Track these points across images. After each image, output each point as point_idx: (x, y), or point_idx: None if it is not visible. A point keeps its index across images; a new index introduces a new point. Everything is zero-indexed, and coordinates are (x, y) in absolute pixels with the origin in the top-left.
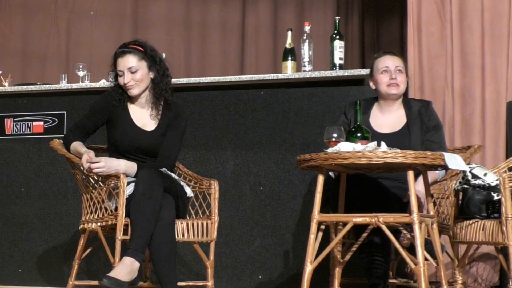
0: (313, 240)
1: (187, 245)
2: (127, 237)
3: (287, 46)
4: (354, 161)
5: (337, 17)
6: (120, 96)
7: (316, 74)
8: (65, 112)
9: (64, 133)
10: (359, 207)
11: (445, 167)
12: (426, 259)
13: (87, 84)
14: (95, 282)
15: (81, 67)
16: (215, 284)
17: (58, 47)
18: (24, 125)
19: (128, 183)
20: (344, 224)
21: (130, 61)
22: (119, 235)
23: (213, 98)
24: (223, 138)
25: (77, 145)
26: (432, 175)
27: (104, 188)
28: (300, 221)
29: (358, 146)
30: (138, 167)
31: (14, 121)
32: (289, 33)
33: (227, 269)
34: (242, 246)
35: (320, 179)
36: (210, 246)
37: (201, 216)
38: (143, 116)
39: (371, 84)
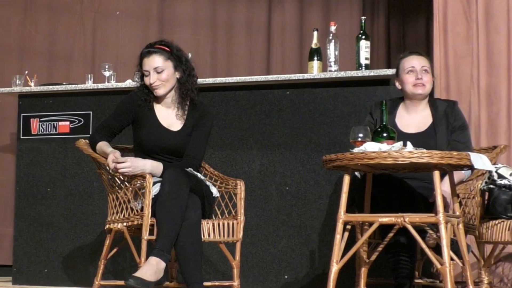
0: (339, 240)
1: (213, 245)
2: (153, 237)
3: (313, 46)
4: (380, 161)
5: (363, 17)
6: (146, 96)
7: (342, 74)
8: (91, 112)
9: (90, 133)
10: (385, 207)
11: (471, 167)
12: (452, 259)
13: (113, 84)
14: (121, 282)
15: (107, 67)
16: (241, 284)
17: (84, 47)
18: (50, 125)
19: (154, 183)
20: (370, 224)
21: (156, 61)
22: (145, 235)
23: (239, 98)
24: (249, 138)
25: (103, 145)
26: (458, 175)
27: (130, 188)
28: (326, 221)
29: (384, 146)
30: (164, 167)
31: (40, 121)
32: (315, 33)
33: (253, 269)
34: (268, 246)
35: (346, 179)
36: (236, 246)
37: (227, 216)
38: (169, 116)
39: (397, 84)
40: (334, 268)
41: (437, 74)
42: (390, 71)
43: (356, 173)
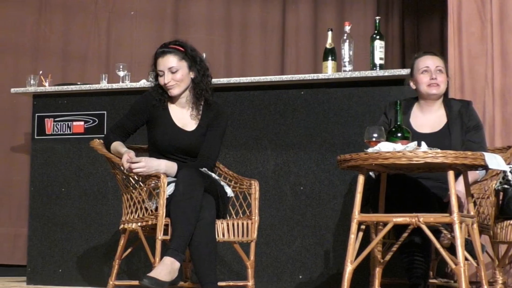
0: (354, 240)
1: (227, 245)
2: (168, 237)
3: (328, 46)
4: (395, 161)
5: (377, 17)
6: (160, 96)
7: (357, 74)
8: (105, 112)
9: (105, 133)
10: (399, 207)
11: (485, 167)
12: (466, 259)
13: (127, 84)
14: (136, 282)
15: (121, 67)
16: (255, 284)
17: (99, 47)
18: (64, 125)
19: (169, 183)
20: (385, 224)
21: (170, 61)
22: (160, 235)
23: (253, 98)
24: (264, 138)
25: (117, 145)
26: (472, 175)
27: (145, 188)
28: (341, 221)
29: (398, 146)
30: (179, 167)
31: (54, 121)
32: (330, 33)
33: (267, 269)
34: (283, 246)
35: (361, 179)
36: (250, 246)
37: (241, 216)
38: (184, 116)
39: (411, 84)
40: (349, 268)
41: (452, 74)
42: (405, 71)
43: (371, 173)
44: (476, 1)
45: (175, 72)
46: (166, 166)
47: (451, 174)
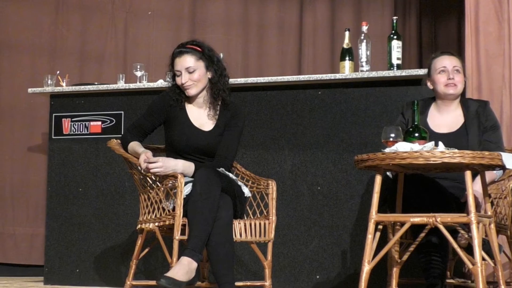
0: (371, 240)
1: (244, 245)
2: (185, 237)
3: (345, 46)
4: (412, 161)
5: (394, 17)
6: (177, 96)
7: (374, 74)
8: (122, 112)
9: (122, 133)
10: (416, 207)
11: (502, 167)
12: (483, 259)
13: (144, 84)
14: (153, 282)
15: (138, 67)
16: (272, 284)
17: (116, 47)
18: (81, 125)
19: (186, 183)
20: (402, 224)
21: (187, 61)
22: (177, 235)
23: (270, 98)
24: (281, 138)
25: (134, 145)
26: (489, 175)
27: (162, 188)
28: (358, 221)
29: (415, 146)
30: (196, 167)
31: (71, 121)
32: (347, 33)
33: (284, 269)
34: (300, 246)
35: (378, 179)
36: (267, 246)
37: (258, 216)
38: (201, 116)
39: (428, 84)
40: (366, 268)
41: (469, 74)
42: (422, 71)
43: (388, 173)
44: (493, 1)
45: (192, 72)
46: (183, 166)
47: (468, 174)
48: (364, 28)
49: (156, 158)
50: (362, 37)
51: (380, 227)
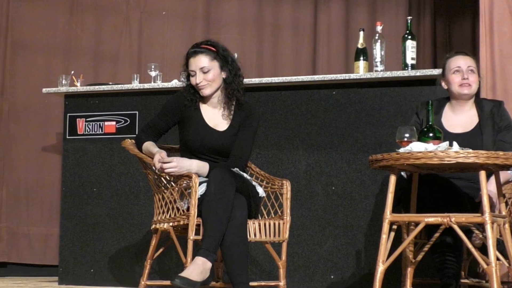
0: (385, 240)
1: (259, 245)
2: (199, 237)
3: (359, 46)
4: (426, 161)
5: (409, 17)
6: (192, 96)
7: (388, 74)
8: (137, 112)
9: (136, 133)
10: (431, 207)
11: None
12: (498, 259)
13: (159, 84)
14: (167, 282)
15: (153, 67)
16: (287, 284)
17: (130, 47)
18: (96, 125)
19: (200, 183)
20: (416, 224)
21: (202, 61)
22: (191, 235)
23: (285, 98)
24: (295, 138)
25: (149, 145)
26: (504, 175)
27: (176, 188)
28: (372, 221)
29: (430, 146)
30: (210, 167)
31: (86, 121)
32: (361, 33)
33: (299, 269)
34: (314, 246)
35: (392, 179)
36: (282, 246)
37: (273, 216)
38: (215, 116)
39: (443, 84)
40: (380, 268)
41: (483, 74)
42: (436, 71)
43: (402, 173)
44: (507, 1)
45: (207, 72)
46: (197, 166)
47: (482, 174)
48: (379, 28)
49: (170, 158)
50: (376, 37)
51: (394, 227)
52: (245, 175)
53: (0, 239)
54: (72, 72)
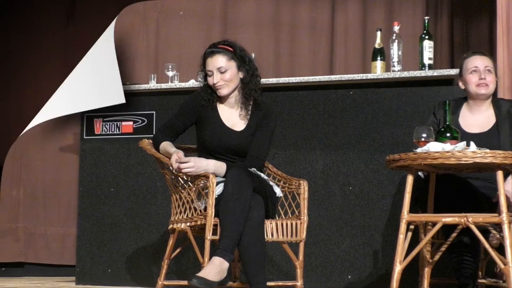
0: (402, 240)
1: (276, 245)
2: (216, 237)
3: (376, 46)
4: (444, 161)
5: (426, 17)
6: (209, 96)
7: (406, 74)
8: (154, 112)
9: (153, 133)
10: (448, 207)
11: None
12: None
13: (176, 84)
14: (185, 282)
15: (170, 67)
16: (304, 284)
17: (147, 47)
18: (113, 125)
19: (218, 183)
20: (433, 224)
21: (219, 61)
22: (208, 235)
23: (302, 98)
24: (312, 138)
25: (166, 145)
26: None
27: (193, 188)
28: (389, 221)
29: (447, 146)
30: (228, 167)
31: (103, 121)
32: (378, 33)
33: (316, 269)
34: (331, 246)
35: (410, 179)
36: (299, 246)
37: (290, 216)
38: (232, 116)
39: (460, 84)
40: (398, 268)
41: (501, 74)
42: (454, 71)
43: (420, 173)
44: None
45: (224, 72)
46: (215, 166)
47: (500, 174)
48: (396, 28)
49: (187, 158)
50: (393, 37)
51: (411, 227)
52: (262, 175)
53: (18, 239)
54: None
